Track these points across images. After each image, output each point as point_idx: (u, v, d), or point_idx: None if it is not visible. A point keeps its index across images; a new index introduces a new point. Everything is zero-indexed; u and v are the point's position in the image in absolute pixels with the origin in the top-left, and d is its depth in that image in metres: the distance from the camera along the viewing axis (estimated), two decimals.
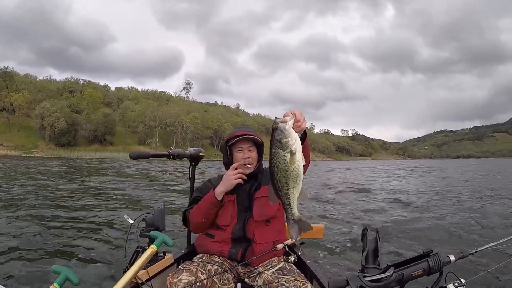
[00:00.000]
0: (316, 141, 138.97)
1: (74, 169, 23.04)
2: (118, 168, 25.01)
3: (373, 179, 21.92)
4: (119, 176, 16.29)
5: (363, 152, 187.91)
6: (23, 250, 4.09)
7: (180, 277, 1.58)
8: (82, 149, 71.88)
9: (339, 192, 12.92)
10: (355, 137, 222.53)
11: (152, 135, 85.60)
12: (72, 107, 78.61)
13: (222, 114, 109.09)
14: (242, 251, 1.79)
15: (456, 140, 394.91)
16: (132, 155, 1.97)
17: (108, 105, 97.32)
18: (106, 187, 11.55)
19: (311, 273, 1.97)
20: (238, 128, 2.03)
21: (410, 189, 14.58)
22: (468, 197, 11.26)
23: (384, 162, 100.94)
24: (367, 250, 1.33)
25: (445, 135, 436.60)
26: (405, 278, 1.15)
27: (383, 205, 9.54)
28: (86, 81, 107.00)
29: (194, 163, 2.32)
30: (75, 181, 13.45)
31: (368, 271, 1.23)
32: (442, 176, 25.08)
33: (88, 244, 4.44)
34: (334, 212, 8.16)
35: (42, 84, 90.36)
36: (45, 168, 23.56)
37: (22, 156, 57.98)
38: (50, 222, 5.63)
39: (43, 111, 70.09)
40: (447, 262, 1.19)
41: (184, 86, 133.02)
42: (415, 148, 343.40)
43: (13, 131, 73.90)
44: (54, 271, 1.35)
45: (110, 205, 7.50)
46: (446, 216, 7.68)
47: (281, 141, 1.27)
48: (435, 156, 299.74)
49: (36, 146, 69.94)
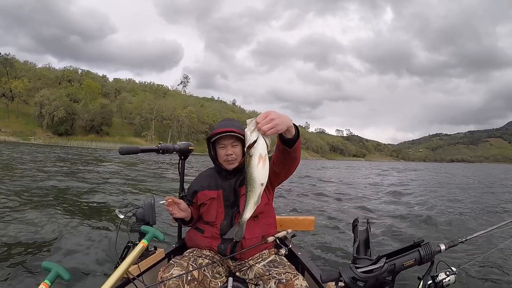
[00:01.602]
0: (310, 140, 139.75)
1: (67, 159, 22.12)
2: (111, 159, 24.38)
3: (362, 175, 22.80)
4: (111, 168, 15.93)
5: (357, 152, 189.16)
6: (11, 246, 3.95)
7: (172, 271, 1.59)
8: (79, 138, 72.01)
9: (329, 186, 13.27)
10: (349, 138, 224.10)
11: (148, 127, 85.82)
12: (70, 97, 78.73)
13: (218, 109, 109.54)
14: (231, 246, 1.79)
15: (451, 144, 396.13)
16: (122, 150, 1.89)
17: (105, 95, 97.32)
18: (97, 179, 11.19)
19: (302, 265, 1.98)
20: (221, 122, 1.99)
21: (400, 184, 15.35)
22: (455, 192, 12.08)
23: (374, 163, 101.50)
24: (358, 241, 1.33)
25: (440, 139, 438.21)
26: (396, 268, 1.15)
27: (374, 198, 9.96)
28: (85, 70, 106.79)
29: (184, 157, 2.31)
30: (66, 172, 13.01)
31: (360, 262, 1.23)
32: (430, 175, 26.34)
33: (78, 239, 4.37)
34: (325, 205, 8.31)
35: (41, 71, 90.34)
36: (41, 155, 22.97)
37: (19, 143, 58.03)
38: (38, 216, 5.38)
39: (43, 99, 70.62)
40: (438, 251, 1.20)
41: (182, 80, 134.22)
42: (409, 151, 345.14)
43: (12, 117, 74.27)
44: (45, 267, 1.34)
45: (100, 200, 7.29)
46: (435, 208, 8.03)
47: (245, 143, 1.29)
48: (429, 159, 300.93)
49: (33, 133, 70.16)
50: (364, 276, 1.13)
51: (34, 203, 6.46)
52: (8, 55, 77.50)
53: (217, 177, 1.95)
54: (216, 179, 1.95)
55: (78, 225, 4.99)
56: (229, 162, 1.87)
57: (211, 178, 1.97)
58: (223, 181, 1.91)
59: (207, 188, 1.94)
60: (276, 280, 1.62)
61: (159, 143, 2.11)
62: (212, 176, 1.98)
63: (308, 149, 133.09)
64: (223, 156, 1.87)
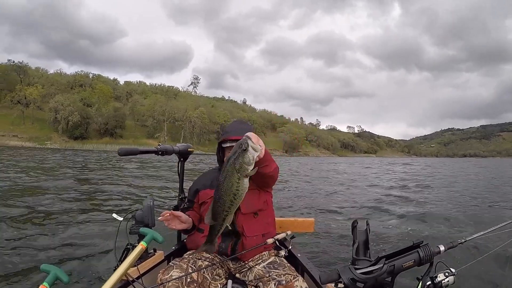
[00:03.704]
0: (321, 138, 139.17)
1: (71, 161, 22.55)
2: (113, 161, 24.26)
3: (364, 174, 22.59)
4: (113, 171, 16.06)
5: (368, 149, 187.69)
6: (10, 249, 3.95)
7: (171, 273, 1.59)
8: (94, 141, 73.93)
9: (328, 186, 13.23)
10: (360, 134, 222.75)
11: (160, 129, 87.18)
12: (84, 101, 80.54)
13: (229, 109, 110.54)
14: (232, 245, 1.79)
15: (463, 139, 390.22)
16: (121, 151, 1.89)
17: (117, 99, 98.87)
18: (97, 181, 11.21)
19: (302, 266, 1.98)
20: (234, 124, 2.00)
21: (400, 183, 14.98)
22: (457, 191, 11.80)
23: (384, 159, 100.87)
24: (358, 243, 1.33)
25: (452, 134, 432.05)
26: (396, 270, 1.15)
27: (373, 198, 9.81)
28: (96, 75, 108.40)
29: (183, 158, 2.31)
30: (70, 175, 13.18)
31: (359, 263, 1.23)
32: (435, 172, 25.84)
33: (77, 242, 4.35)
34: (324, 205, 8.26)
35: (53, 77, 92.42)
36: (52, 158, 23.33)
37: (36, 148, 59.54)
38: (38, 218, 5.43)
39: (57, 104, 72.60)
40: (437, 252, 1.20)
41: (192, 81, 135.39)
42: (421, 146, 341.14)
43: (27, 123, 76.46)
44: (44, 270, 1.33)
45: (100, 202, 7.29)
46: (435, 208, 7.96)
47: (243, 166, 1.22)
48: (441, 155, 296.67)
49: (49, 138, 72.45)
50: (364, 277, 1.14)
51: (30, 204, 6.46)
52: (21, 63, 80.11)
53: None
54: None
55: (76, 228, 5.02)
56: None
57: (213, 178, 1.97)
58: None
59: (209, 187, 1.94)
60: (276, 282, 1.61)
61: (159, 144, 2.13)
62: (215, 176, 1.96)
63: (319, 146, 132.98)
64: None
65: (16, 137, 70.55)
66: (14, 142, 67.74)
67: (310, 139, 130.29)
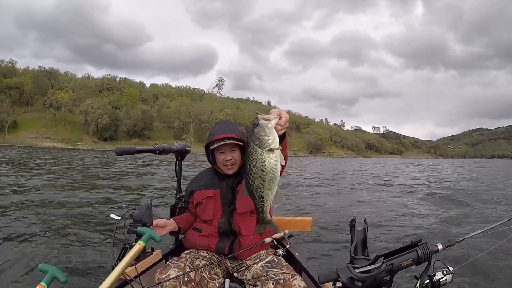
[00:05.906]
0: (346, 138, 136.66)
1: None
2: (123, 162, 24.17)
3: (366, 173, 22.76)
4: (120, 170, 16.21)
5: (393, 150, 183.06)
6: (6, 249, 3.97)
7: (169, 272, 1.58)
8: (123, 143, 75.29)
9: (328, 185, 13.29)
10: (386, 135, 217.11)
11: (187, 130, 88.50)
12: (112, 104, 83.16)
13: (253, 111, 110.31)
14: (229, 244, 1.79)
15: (492, 139, 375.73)
16: (118, 151, 1.88)
17: (144, 101, 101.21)
18: (99, 181, 11.38)
19: (300, 265, 1.97)
20: (218, 126, 1.98)
21: (401, 183, 15.07)
22: (455, 191, 11.80)
23: (406, 160, 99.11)
24: (356, 241, 1.33)
25: (480, 134, 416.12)
26: (394, 268, 1.15)
27: (371, 197, 9.93)
28: (123, 78, 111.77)
29: (180, 158, 2.30)
30: (75, 174, 13.53)
31: (358, 262, 1.23)
32: (439, 173, 25.74)
33: (75, 241, 4.35)
34: (322, 205, 8.32)
35: (81, 81, 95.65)
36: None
37: (68, 149, 61.96)
38: (35, 217, 5.46)
39: (87, 108, 75.20)
40: (435, 251, 1.21)
41: (217, 83, 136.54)
42: (448, 147, 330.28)
43: (59, 125, 79.81)
44: (41, 269, 1.31)
45: (98, 200, 7.35)
46: (433, 207, 8.08)
47: (261, 138, 1.22)
48: (468, 156, 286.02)
49: (80, 140, 75.18)
50: (362, 276, 1.14)
51: (27, 205, 6.52)
52: (51, 69, 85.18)
53: (214, 177, 1.96)
54: (214, 179, 1.96)
55: (74, 227, 5.05)
56: (228, 167, 1.89)
57: (209, 178, 1.98)
58: (220, 181, 1.92)
59: (204, 188, 1.95)
60: (274, 281, 1.59)
61: (156, 143, 2.13)
62: (210, 176, 1.99)
63: (344, 147, 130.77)
64: (222, 161, 1.89)
65: (48, 139, 73.57)
66: (47, 143, 70.38)
67: (335, 140, 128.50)
